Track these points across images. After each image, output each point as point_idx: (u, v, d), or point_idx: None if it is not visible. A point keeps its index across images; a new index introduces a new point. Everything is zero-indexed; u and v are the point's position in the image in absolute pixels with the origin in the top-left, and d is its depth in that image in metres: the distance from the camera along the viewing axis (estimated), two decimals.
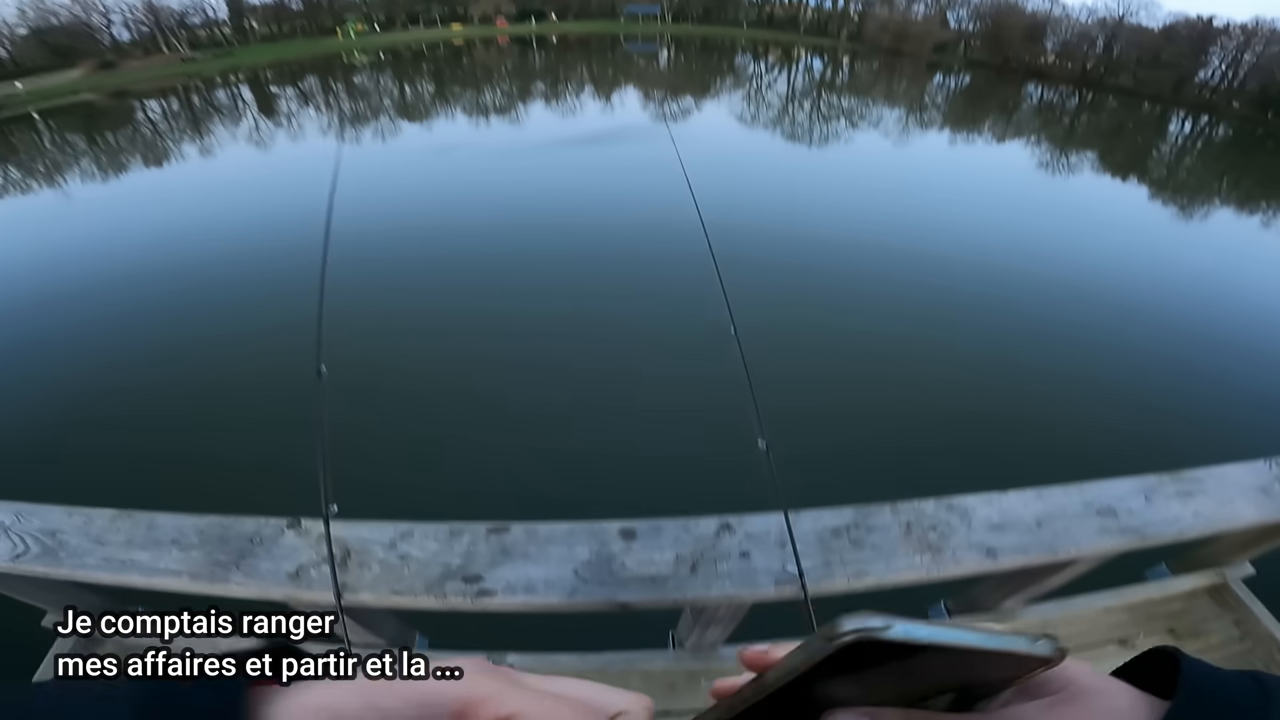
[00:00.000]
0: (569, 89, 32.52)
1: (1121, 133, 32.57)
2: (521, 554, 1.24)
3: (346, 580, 1.19)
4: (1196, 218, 16.24)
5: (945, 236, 10.84)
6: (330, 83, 38.48)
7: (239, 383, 6.12)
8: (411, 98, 30.83)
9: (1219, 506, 1.50)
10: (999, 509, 1.41)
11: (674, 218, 1.68)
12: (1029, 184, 17.68)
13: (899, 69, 50.06)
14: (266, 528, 1.28)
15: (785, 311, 7.20)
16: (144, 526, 1.29)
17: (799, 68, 48.76)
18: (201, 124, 26.47)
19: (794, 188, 14.18)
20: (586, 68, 42.83)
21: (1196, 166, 25.67)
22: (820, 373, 6.36)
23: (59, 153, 22.98)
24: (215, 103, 33.64)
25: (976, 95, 41.70)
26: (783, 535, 1.24)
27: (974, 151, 22.49)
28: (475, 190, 13.16)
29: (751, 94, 33.11)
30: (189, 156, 19.87)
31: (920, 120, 28.01)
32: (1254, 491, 1.54)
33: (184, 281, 8.77)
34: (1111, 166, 21.97)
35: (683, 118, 24.46)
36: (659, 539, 1.27)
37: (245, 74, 44.44)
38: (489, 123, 23.50)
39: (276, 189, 14.14)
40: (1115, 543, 1.40)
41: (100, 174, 18.47)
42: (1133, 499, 1.49)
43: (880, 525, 1.33)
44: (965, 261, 9.77)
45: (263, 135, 22.73)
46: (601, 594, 1.18)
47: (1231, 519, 1.49)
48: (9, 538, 1.26)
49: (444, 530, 1.27)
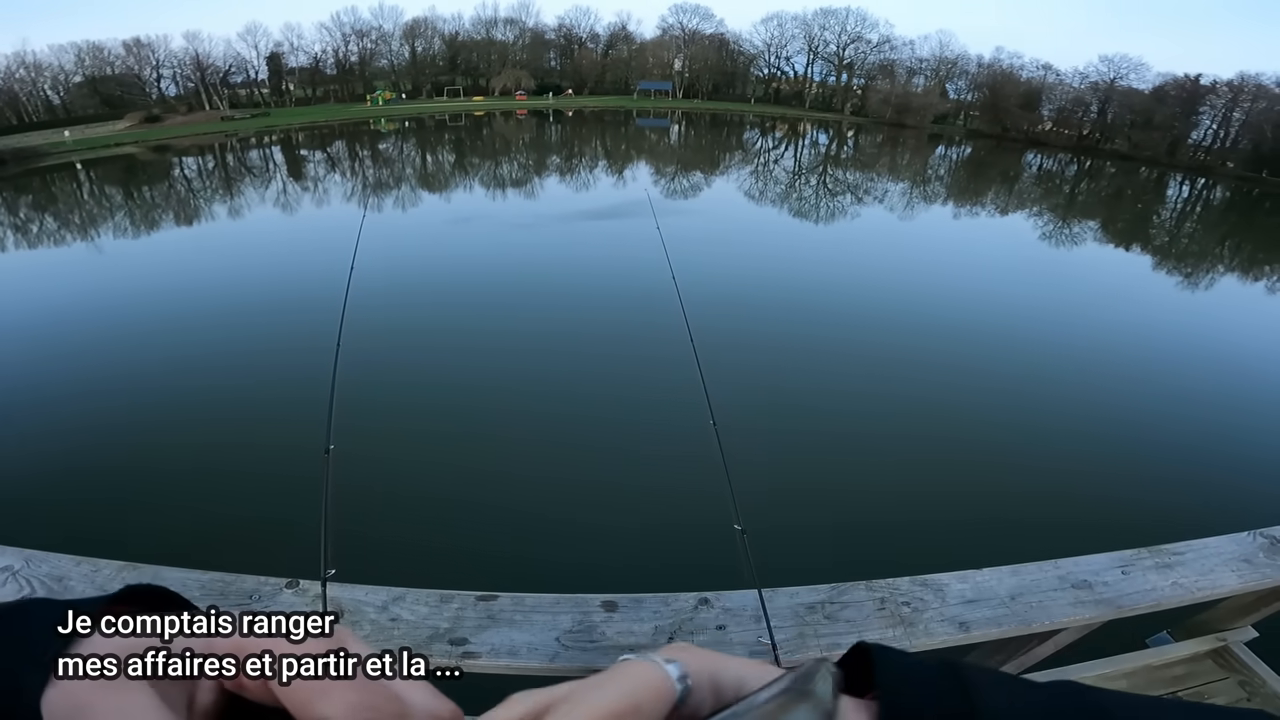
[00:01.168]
0: (581, 162, 33.82)
1: (1120, 199, 33.28)
2: (508, 621, 1.29)
3: None
4: (1197, 285, 16.43)
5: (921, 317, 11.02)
6: (357, 149, 40.38)
7: (247, 445, 6.28)
8: (432, 167, 32.24)
9: (1199, 577, 1.54)
10: (973, 585, 1.45)
11: (662, 306, 1.80)
12: (1022, 255, 17.97)
13: (902, 141, 51.90)
14: (266, 586, 1.34)
15: (767, 394, 7.36)
16: (149, 578, 1.35)
17: (804, 142, 50.65)
18: (234, 184, 27.76)
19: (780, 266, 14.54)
20: (600, 141, 44.71)
21: (1196, 232, 26.09)
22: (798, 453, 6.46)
23: (95, 205, 24.05)
24: (248, 163, 35.34)
25: (978, 165, 43.00)
26: (758, 610, 1.29)
27: (974, 224, 22.99)
28: (483, 263, 13.69)
29: (758, 169, 34.34)
30: (218, 216, 20.79)
31: (922, 193, 28.81)
32: (1236, 561, 1.59)
33: (200, 341, 9.06)
34: (1113, 235, 22.38)
35: (692, 193, 25.32)
36: (639, 611, 1.32)
37: (279, 135, 46.79)
38: (504, 195, 24.45)
39: (299, 254, 14.75)
40: (1089, 614, 1.43)
41: (132, 229, 19.32)
42: (1109, 573, 1.53)
43: (854, 601, 1.37)
44: (942, 340, 9.89)
45: (290, 199, 23.74)
46: (582, 660, 1.22)
47: (1211, 588, 1.53)
48: (16, 580, 1.33)
49: (435, 596, 1.33)
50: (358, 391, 6.17)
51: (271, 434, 6.14)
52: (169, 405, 7.21)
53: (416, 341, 9.17)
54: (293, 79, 64.56)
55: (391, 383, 7.44)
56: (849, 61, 67.77)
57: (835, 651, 1.29)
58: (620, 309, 10.32)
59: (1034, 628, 1.40)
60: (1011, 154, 49.42)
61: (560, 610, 1.32)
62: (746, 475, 1.37)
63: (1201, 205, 35.42)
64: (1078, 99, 57.58)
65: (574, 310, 10.65)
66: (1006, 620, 1.38)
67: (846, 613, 1.35)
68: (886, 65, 66.03)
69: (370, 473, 5.18)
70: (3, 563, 1.37)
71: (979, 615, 1.38)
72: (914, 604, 1.38)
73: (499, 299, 11.05)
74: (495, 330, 9.64)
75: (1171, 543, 1.63)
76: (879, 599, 1.38)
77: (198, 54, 57.13)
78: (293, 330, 8.79)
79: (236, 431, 6.58)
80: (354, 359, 1.59)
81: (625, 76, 72.36)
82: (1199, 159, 49.63)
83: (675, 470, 5.24)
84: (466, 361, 8.47)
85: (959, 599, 1.41)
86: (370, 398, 6.66)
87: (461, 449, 6.39)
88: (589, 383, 8.00)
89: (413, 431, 6.62)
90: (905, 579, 1.43)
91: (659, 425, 6.23)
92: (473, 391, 7.60)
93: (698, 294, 1.78)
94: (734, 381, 6.69)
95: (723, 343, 7.79)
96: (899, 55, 65.36)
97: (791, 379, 8.21)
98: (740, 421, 5.41)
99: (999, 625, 1.37)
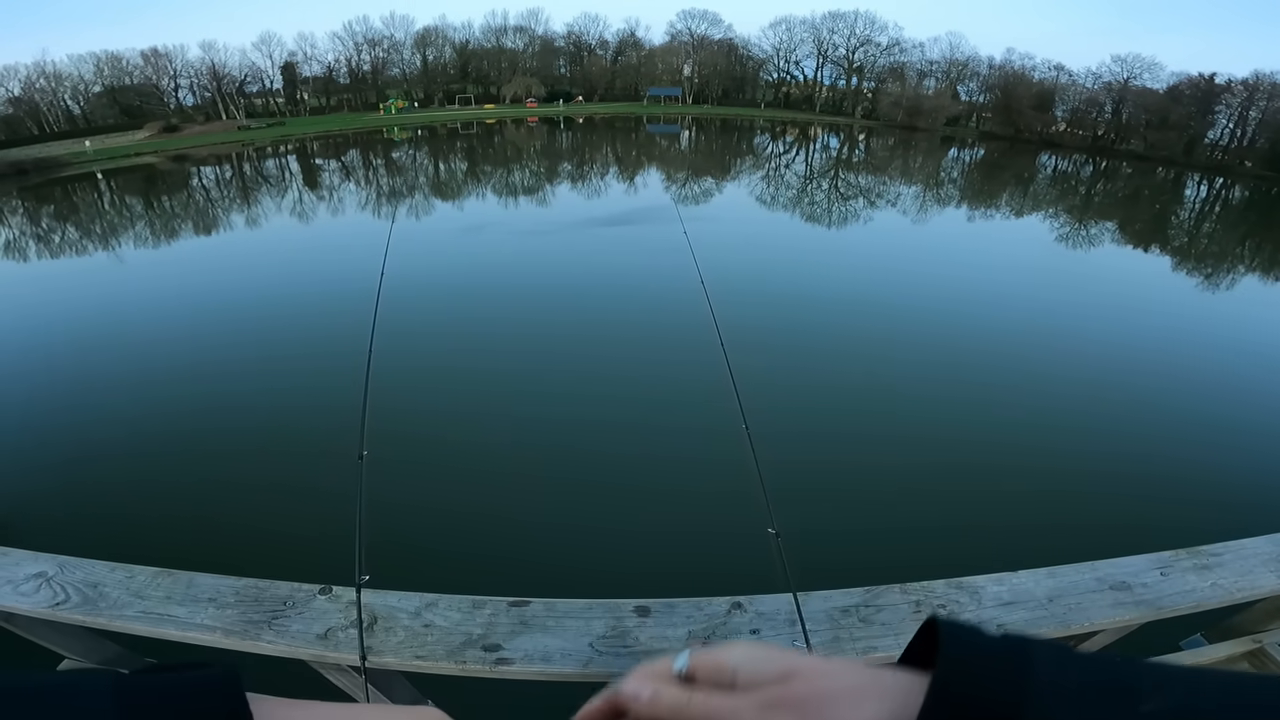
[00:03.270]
0: (593, 169, 33.87)
1: (1138, 200, 32.87)
2: (540, 626, 1.28)
3: (371, 644, 1.25)
4: (1221, 286, 16.15)
5: (954, 317, 11.01)
6: (371, 158, 40.82)
7: (281, 452, 6.37)
8: (445, 175, 32.47)
9: (1238, 578, 1.51)
10: (1009, 587, 1.43)
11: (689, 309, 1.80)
12: (1044, 257, 17.80)
13: (914, 144, 51.58)
14: (300, 592, 1.35)
15: (797, 394, 7.40)
16: (184, 584, 1.37)
17: (815, 146, 50.51)
18: (252, 194, 28.15)
19: (806, 269, 14.58)
20: (611, 148, 44.90)
21: (1217, 233, 25.67)
22: (831, 455, 6.44)
23: (116, 215, 24.47)
24: (265, 172, 35.81)
25: (992, 168, 42.62)
26: (793, 614, 1.27)
27: (990, 226, 22.81)
28: (507, 270, 13.76)
29: (770, 173, 34.27)
30: (238, 226, 21.09)
31: (937, 196, 28.60)
32: (1275, 562, 1.55)
33: (231, 351, 9.21)
34: (1132, 237, 22.09)
35: (705, 199, 25.28)
36: (672, 616, 1.31)
37: (294, 144, 47.39)
38: (517, 202, 24.53)
39: (324, 263, 14.96)
40: (1129, 615, 1.40)
41: (154, 238, 19.63)
42: (1147, 574, 1.50)
43: (889, 604, 1.36)
44: (974, 341, 9.91)
45: (307, 208, 24.05)
46: (616, 666, 1.21)
47: (1252, 589, 1.50)
48: (51, 586, 1.35)
49: (467, 602, 1.33)
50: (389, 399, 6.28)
51: (305, 441, 6.24)
52: (202, 413, 7.31)
53: (445, 347, 9.24)
54: (307, 88, 65.56)
55: (422, 389, 7.52)
56: (859, 65, 67.66)
57: (870, 655, 1.27)
58: (645, 313, 10.35)
59: (1072, 629, 1.37)
60: (1025, 156, 48.94)
61: (593, 616, 1.31)
62: (779, 478, 1.36)
63: (1221, 205, 34.86)
64: (1091, 99, 57.00)
65: (600, 316, 10.67)
66: (1044, 623, 1.35)
67: (881, 615, 1.33)
68: (896, 68, 65.85)
69: (403, 478, 5.22)
70: (36, 569, 1.39)
71: (1016, 618, 1.35)
72: (950, 607, 1.36)
73: (525, 306, 11.09)
74: (522, 336, 9.66)
75: (1210, 544, 1.60)
76: (914, 602, 1.36)
77: (214, 64, 58.23)
78: (322, 338, 8.94)
79: (270, 439, 6.66)
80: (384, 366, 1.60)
81: (635, 83, 72.72)
82: (1216, 158, 48.92)
83: (707, 474, 5.25)
84: (495, 367, 8.51)
85: (995, 601, 1.38)
86: (402, 404, 6.72)
87: (492, 455, 6.42)
88: (618, 387, 7.99)
89: (444, 438, 6.65)
90: (940, 582, 1.41)
91: (690, 429, 6.22)
92: (502, 398, 7.64)
93: (724, 297, 1.78)
94: (765, 384, 6.71)
95: (752, 345, 7.77)
96: (909, 58, 65.29)
97: (823, 381, 8.19)
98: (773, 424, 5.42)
99: (1036, 628, 1.34)
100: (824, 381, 8.13)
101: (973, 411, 7.49)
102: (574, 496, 5.68)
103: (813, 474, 5.74)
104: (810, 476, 5.66)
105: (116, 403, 7.66)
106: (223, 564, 1.47)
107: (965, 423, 7.19)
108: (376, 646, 1.25)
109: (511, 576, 4.56)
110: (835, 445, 6.66)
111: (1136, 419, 7.58)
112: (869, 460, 6.43)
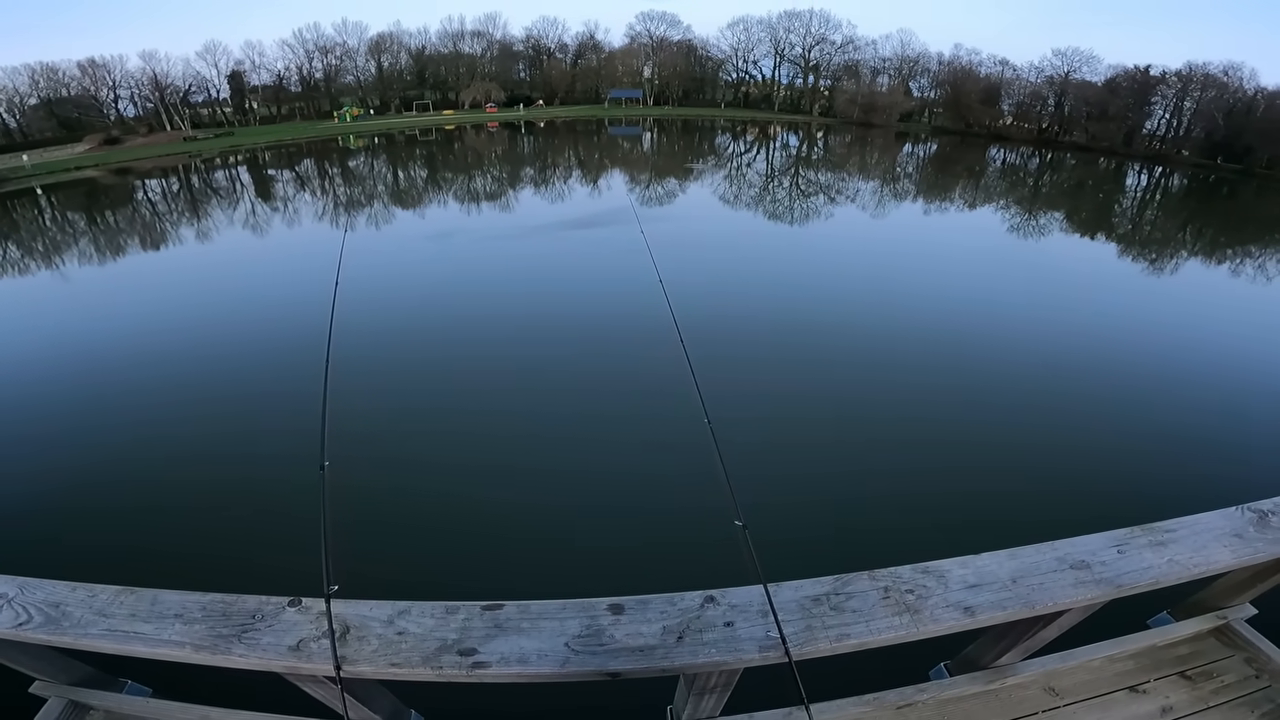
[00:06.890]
0: (556, 174, 33.68)
1: (1083, 190, 34.21)
2: (515, 629, 1.28)
3: (345, 653, 1.23)
4: (1165, 271, 16.92)
5: (912, 306, 11.32)
6: (326, 166, 39.86)
7: (243, 466, 6.19)
8: (405, 184, 31.83)
9: (1194, 553, 1.56)
10: (974, 570, 1.47)
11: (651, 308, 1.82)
12: (998, 247, 18.45)
13: (870, 140, 52.77)
14: (268, 605, 1.33)
15: (759, 390, 7.48)
16: (148, 601, 1.34)
17: (775, 144, 51.21)
18: (200, 206, 27.14)
19: (764, 265, 14.81)
20: (573, 152, 44.74)
21: (1159, 219, 26.91)
22: (794, 444, 6.54)
23: (59, 231, 23.36)
24: (214, 184, 34.61)
25: (945, 161, 43.88)
26: (764, 605, 1.29)
27: (945, 219, 23.47)
28: (467, 277, 13.65)
29: (731, 173, 34.61)
30: (187, 240, 20.30)
31: (894, 191, 29.32)
32: (1228, 536, 1.61)
33: (187, 365, 8.90)
34: (1079, 226, 23.00)
35: (667, 199, 25.41)
36: (646, 612, 1.32)
37: (244, 154, 45.92)
38: (480, 209, 24.22)
39: (278, 274, 14.59)
40: (1091, 594, 1.45)
41: (100, 255, 18.74)
42: (1105, 552, 1.55)
43: (859, 591, 1.39)
44: (931, 328, 10.19)
45: (260, 220, 23.28)
46: (593, 664, 1.22)
47: (1207, 564, 1.55)
48: (12, 608, 1.32)
49: (440, 607, 1.32)
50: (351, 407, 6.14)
51: (266, 454, 6.07)
52: (160, 429, 7.06)
53: (407, 355, 9.10)
54: (256, 97, 63.62)
55: (384, 396, 7.38)
56: (815, 63, 68.90)
57: (844, 642, 1.30)
58: (608, 314, 10.38)
59: (1037, 609, 1.42)
60: (976, 150, 50.52)
61: (567, 616, 1.31)
62: (744, 471, 1.38)
63: (1161, 193, 36.51)
64: (1035, 93, 59.12)
65: (562, 318, 10.63)
66: (1010, 603, 1.40)
67: (852, 603, 1.36)
68: (851, 66, 67.24)
69: (368, 487, 5.15)
70: None
71: (982, 599, 1.39)
72: (918, 591, 1.39)
73: (486, 310, 11.00)
74: (485, 340, 9.60)
75: (1164, 520, 1.65)
76: (883, 588, 1.40)
77: (155, 74, 56.07)
78: (278, 350, 8.73)
79: (231, 453, 6.48)
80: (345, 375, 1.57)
81: (595, 85, 72.61)
82: (1154, 148, 51.15)
83: (674, 470, 5.28)
84: (457, 372, 8.44)
85: (961, 584, 1.42)
86: (364, 413, 6.60)
87: (458, 459, 6.36)
88: (581, 388, 7.99)
89: (408, 445, 6.58)
90: (907, 567, 1.44)
91: (655, 426, 6.24)
92: (465, 401, 7.57)
93: (684, 296, 1.80)
94: (726, 379, 6.77)
95: (712, 341, 7.86)
96: (862, 55, 66.72)
97: (781, 374, 8.30)
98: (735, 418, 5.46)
99: (1003, 608, 1.39)
100: (782, 377, 8.22)
101: (931, 396, 7.69)
102: (543, 497, 5.64)
103: (777, 465, 5.82)
104: (775, 469, 5.74)
105: (67, 425, 7.33)
106: (187, 582, 1.43)
107: (924, 407, 7.38)
108: (351, 656, 1.23)
109: (483, 578, 4.53)
110: (798, 435, 6.76)
111: (1087, 396, 7.90)
112: (831, 449, 6.56)
